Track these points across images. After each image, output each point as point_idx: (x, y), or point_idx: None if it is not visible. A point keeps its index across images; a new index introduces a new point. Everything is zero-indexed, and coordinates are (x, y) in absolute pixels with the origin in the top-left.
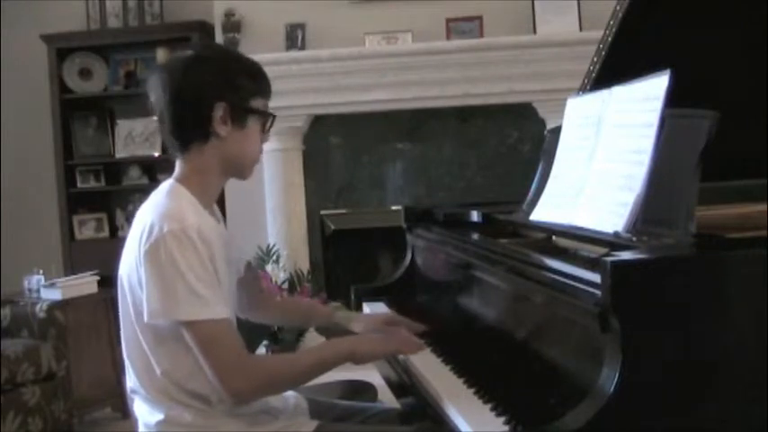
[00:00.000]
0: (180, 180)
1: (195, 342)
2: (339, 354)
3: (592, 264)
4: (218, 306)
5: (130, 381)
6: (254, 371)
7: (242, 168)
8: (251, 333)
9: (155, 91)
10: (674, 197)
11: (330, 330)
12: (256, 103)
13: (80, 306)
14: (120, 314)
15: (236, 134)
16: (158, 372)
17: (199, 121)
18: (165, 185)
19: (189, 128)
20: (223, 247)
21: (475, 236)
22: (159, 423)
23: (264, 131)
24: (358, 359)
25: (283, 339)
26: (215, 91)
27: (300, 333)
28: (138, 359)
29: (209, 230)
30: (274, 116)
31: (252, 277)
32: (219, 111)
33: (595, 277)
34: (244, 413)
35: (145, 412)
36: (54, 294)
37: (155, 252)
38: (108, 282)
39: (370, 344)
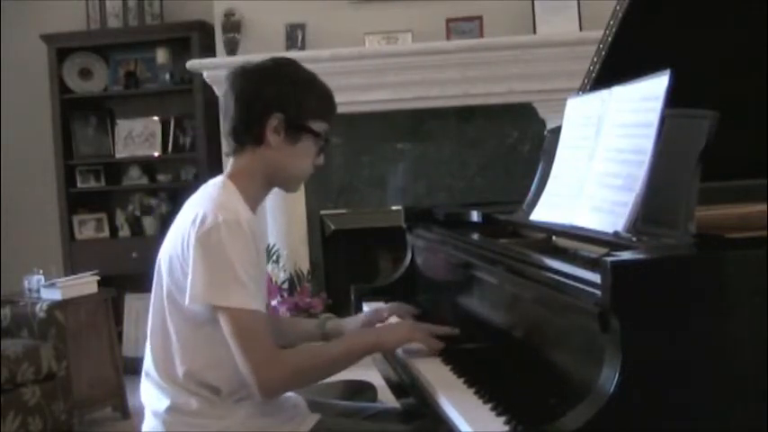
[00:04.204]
0: (231, 177)
1: (233, 330)
2: (366, 343)
3: (592, 264)
4: (258, 299)
5: (146, 364)
6: (285, 364)
7: (286, 181)
8: None
9: (226, 88)
10: (674, 197)
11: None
12: (315, 124)
13: (80, 306)
14: (153, 299)
15: (287, 147)
16: (179, 359)
17: (254, 125)
18: (217, 180)
19: (244, 130)
20: (263, 246)
21: (475, 236)
22: (167, 410)
23: (318, 154)
24: (385, 348)
25: None
26: (276, 102)
27: None
28: (160, 344)
29: (258, 228)
30: (328, 141)
31: None
32: (275, 121)
33: (595, 277)
34: (248, 404)
35: (153, 399)
36: (54, 294)
37: (207, 238)
38: (108, 282)
39: (395, 332)
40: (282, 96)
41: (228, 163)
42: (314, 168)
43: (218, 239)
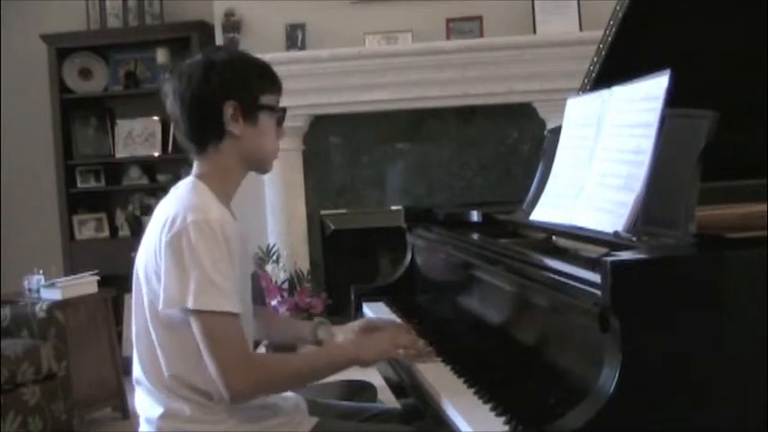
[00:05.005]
0: (200, 177)
1: (201, 333)
2: (344, 356)
3: (592, 264)
4: (232, 300)
5: (136, 371)
6: (255, 369)
7: (260, 163)
8: None
9: (168, 97)
10: (674, 197)
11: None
12: (267, 99)
13: (80, 306)
14: (134, 306)
15: (251, 131)
16: (163, 364)
17: (211, 122)
18: (186, 182)
19: (203, 130)
20: (240, 244)
21: (475, 236)
22: (161, 417)
23: (279, 126)
24: (363, 362)
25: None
26: (224, 91)
27: None
28: (146, 351)
29: (230, 227)
30: (285, 110)
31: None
32: (230, 110)
33: (595, 277)
34: (243, 408)
35: (146, 406)
36: (54, 294)
37: (177, 241)
38: (108, 282)
39: (375, 347)
40: (229, 83)
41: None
42: (278, 143)
43: (188, 241)
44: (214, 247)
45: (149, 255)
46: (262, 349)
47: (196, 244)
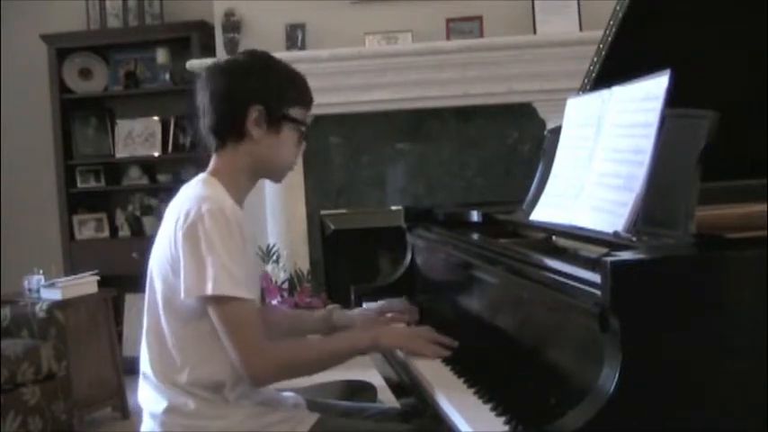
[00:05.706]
0: (213, 174)
1: (220, 319)
2: (362, 343)
3: (592, 264)
4: (245, 287)
5: (144, 366)
6: (275, 353)
7: (272, 172)
8: None
9: (201, 87)
10: (674, 197)
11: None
12: (295, 112)
13: (80, 306)
14: (146, 303)
15: (270, 138)
16: (173, 361)
17: (234, 120)
18: (198, 178)
19: (225, 126)
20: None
21: (475, 236)
22: (165, 411)
23: (299, 141)
24: (382, 348)
25: None
26: (254, 94)
27: None
28: (155, 346)
29: (242, 217)
30: (308, 126)
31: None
32: (255, 113)
33: (595, 277)
34: (246, 403)
35: (151, 400)
36: (54, 294)
37: (193, 231)
38: (108, 282)
39: (393, 337)
40: (260, 88)
41: (211, 160)
42: (297, 156)
43: (204, 229)
44: (228, 235)
45: (164, 250)
46: None
47: (211, 233)
